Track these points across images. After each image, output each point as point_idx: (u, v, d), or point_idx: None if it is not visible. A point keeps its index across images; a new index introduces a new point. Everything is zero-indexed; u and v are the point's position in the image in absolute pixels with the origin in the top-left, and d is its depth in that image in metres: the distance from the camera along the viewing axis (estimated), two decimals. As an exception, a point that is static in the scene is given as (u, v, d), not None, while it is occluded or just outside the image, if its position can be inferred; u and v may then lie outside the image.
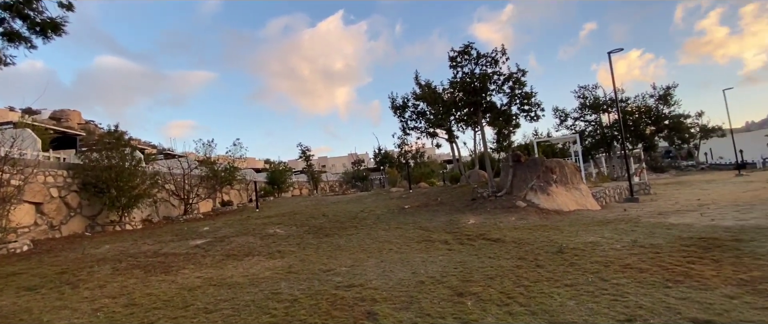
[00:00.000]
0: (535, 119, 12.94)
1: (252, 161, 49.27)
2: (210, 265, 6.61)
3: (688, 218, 8.10)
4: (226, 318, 3.80)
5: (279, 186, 27.87)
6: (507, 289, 4.10)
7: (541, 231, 7.82)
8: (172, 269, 6.27)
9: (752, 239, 5.40)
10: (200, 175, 18.19)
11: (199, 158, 19.41)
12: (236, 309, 4.05)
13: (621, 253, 5.28)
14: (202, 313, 3.96)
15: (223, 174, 19.24)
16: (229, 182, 20.09)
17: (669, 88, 27.06)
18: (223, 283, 5.27)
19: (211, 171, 18.78)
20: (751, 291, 3.41)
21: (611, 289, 3.82)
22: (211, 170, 18.80)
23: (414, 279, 4.78)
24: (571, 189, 12.44)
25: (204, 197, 17.97)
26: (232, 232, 10.40)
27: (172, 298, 4.56)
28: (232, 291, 4.82)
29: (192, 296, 4.64)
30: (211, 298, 4.50)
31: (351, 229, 9.76)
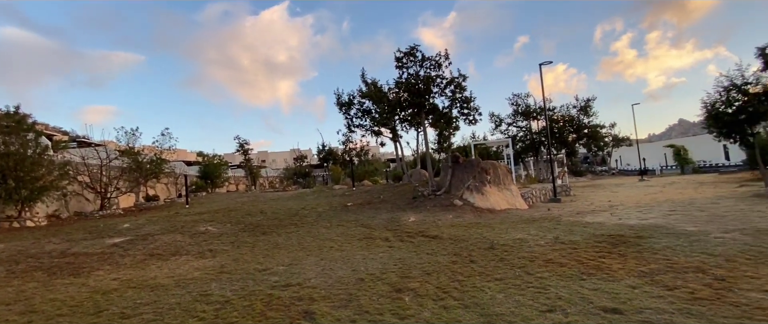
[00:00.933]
0: (474, 123, 13.60)
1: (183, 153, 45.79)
2: (129, 265, 6.02)
3: (601, 217, 9.04)
4: (146, 323, 3.48)
5: (213, 181, 26.24)
6: (443, 284, 4.25)
7: (476, 228, 8.23)
8: (83, 271, 5.61)
9: (651, 236, 6.17)
10: (121, 167, 16.50)
11: (120, 148, 17.57)
12: (159, 313, 3.73)
13: (545, 249, 5.73)
14: (118, 319, 3.59)
15: (148, 166, 17.64)
16: (156, 175, 18.48)
17: (589, 101, 30.04)
18: (144, 285, 4.82)
19: (135, 162, 17.12)
20: (650, 282, 3.89)
21: (535, 282, 4.13)
22: (135, 161, 17.14)
23: (354, 276, 4.77)
24: (503, 189, 13.26)
25: (125, 191, 16.32)
26: (157, 229, 9.58)
27: (82, 304, 4.07)
28: (155, 293, 4.43)
29: (106, 300, 4.18)
30: (130, 302, 4.09)
31: (291, 227, 9.49)
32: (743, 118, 12.30)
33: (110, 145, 17.79)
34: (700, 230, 6.39)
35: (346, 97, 18.58)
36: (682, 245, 5.37)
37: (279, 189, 28.01)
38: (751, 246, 5.05)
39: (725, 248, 5.03)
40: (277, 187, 32.09)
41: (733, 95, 12.46)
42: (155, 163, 17.91)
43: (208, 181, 26.05)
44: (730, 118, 12.45)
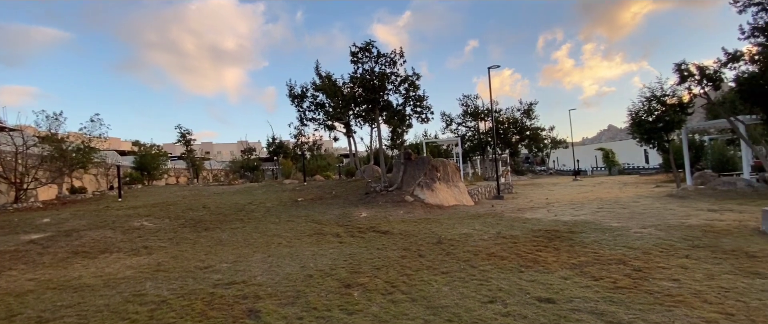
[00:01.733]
0: (426, 121, 13.92)
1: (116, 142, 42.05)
2: (49, 264, 5.44)
3: (539, 214, 9.69)
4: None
5: (150, 172, 24.37)
6: (392, 278, 4.32)
7: (425, 224, 8.45)
8: (-9, 271, 4.97)
9: (582, 231, 6.73)
10: (41, 155, 14.78)
11: (40, 134, 15.73)
12: (83, 316, 3.41)
13: (488, 243, 6.03)
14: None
15: (74, 155, 15.97)
16: (83, 165, 16.77)
17: (531, 105, 31.98)
18: (66, 285, 4.38)
19: (58, 150, 15.41)
20: (579, 273, 4.24)
21: (479, 275, 4.33)
22: (58, 149, 15.43)
23: (302, 273, 4.69)
24: (452, 186, 13.73)
25: (45, 182, 14.67)
26: (84, 224, 8.73)
27: (-12, 308, 3.61)
28: (80, 295, 4.04)
29: (20, 303, 3.75)
30: (48, 305, 3.70)
31: (236, 223, 9.10)
32: (661, 126, 13.79)
33: (28, 131, 15.84)
34: (623, 226, 7.07)
35: (299, 89, 18.16)
36: (608, 239, 5.91)
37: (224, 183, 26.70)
38: (664, 240, 5.69)
39: (643, 242, 5.62)
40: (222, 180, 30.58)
41: (653, 105, 13.92)
42: (83, 151, 16.26)
43: (145, 172, 24.16)
44: (650, 126, 13.91)
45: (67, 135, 16.56)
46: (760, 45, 11.35)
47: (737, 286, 3.60)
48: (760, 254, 4.63)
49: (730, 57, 12.20)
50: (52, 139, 15.40)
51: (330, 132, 18.22)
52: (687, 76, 12.71)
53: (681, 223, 7.10)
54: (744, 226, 6.43)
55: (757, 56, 11.46)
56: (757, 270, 4.06)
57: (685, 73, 12.69)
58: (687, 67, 12.71)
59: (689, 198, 11.07)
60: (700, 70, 12.42)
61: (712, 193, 11.35)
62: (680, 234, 6.06)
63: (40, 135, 15.57)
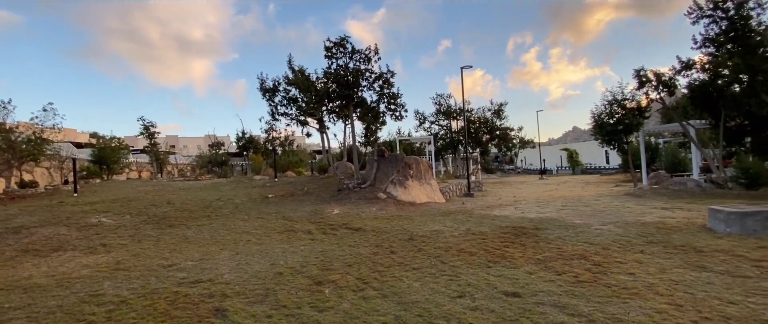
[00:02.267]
0: (400, 119, 13.98)
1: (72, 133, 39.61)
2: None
3: (507, 211, 9.98)
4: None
5: (109, 166, 23.10)
6: (363, 275, 4.32)
7: (397, 221, 8.51)
8: (-74, 271, 4.56)
9: (546, 228, 7.00)
10: (-15, 146, 13.71)
11: (-16, 123, 14.58)
12: (34, 318, 3.20)
13: (458, 240, 6.15)
14: (-24, 328, 2.99)
15: (24, 146, 14.90)
16: (34, 158, 15.70)
17: (501, 105, 32.84)
18: (15, 285, 4.09)
19: (6, 141, 14.35)
20: (544, 268, 4.41)
21: (449, 270, 4.41)
22: (6, 140, 14.36)
23: (272, 270, 4.60)
24: (424, 184, 13.90)
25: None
26: (35, 221, 8.18)
27: None
28: (30, 295, 3.79)
29: (-41, 306, 3.46)
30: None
31: (203, 220, 8.81)
32: (621, 128, 14.55)
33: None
34: (585, 223, 7.41)
35: (271, 82, 17.72)
36: (570, 236, 6.18)
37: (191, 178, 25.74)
38: (621, 236, 6.01)
39: (602, 238, 5.91)
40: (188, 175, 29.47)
41: (614, 109, 14.65)
42: (34, 143, 15.21)
43: (104, 166, 22.88)
44: (612, 128, 14.64)
45: (16, 125, 15.45)
46: (710, 55, 12.19)
47: (686, 279, 3.86)
48: (706, 249, 4.98)
49: (683, 65, 13.02)
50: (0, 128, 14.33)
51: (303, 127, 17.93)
52: (645, 81, 13.46)
53: (637, 220, 7.52)
54: (692, 223, 6.90)
55: (708, 65, 12.30)
56: (703, 264, 4.37)
57: (643, 79, 13.43)
58: (645, 73, 13.46)
59: (645, 197, 11.74)
60: (657, 76, 13.19)
61: (665, 193, 12.10)
62: (636, 230, 6.42)
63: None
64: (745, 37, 11.08)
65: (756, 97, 11.11)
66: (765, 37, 10.93)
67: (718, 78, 11.96)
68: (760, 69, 10.77)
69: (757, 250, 4.79)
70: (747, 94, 11.28)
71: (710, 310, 3.07)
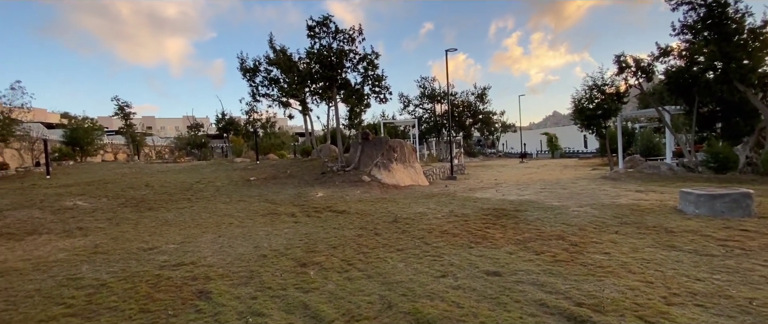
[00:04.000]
0: (384, 101, 13.90)
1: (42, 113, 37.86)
2: (-37, 248, 4.86)
3: (488, 194, 10.18)
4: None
5: (83, 148, 22.28)
6: (348, 256, 4.36)
7: (382, 203, 8.57)
8: None
9: (526, 210, 7.19)
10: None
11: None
12: (12, 302, 3.11)
13: (441, 222, 6.26)
14: (-53, 313, 2.89)
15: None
16: (3, 138, 15.00)
17: (485, 89, 33.06)
18: (-14, 270, 3.95)
19: (-31, 121, 13.63)
20: (524, 248, 4.55)
21: (432, 251, 4.50)
22: (-30, 120, 13.64)
23: (256, 253, 4.59)
24: (408, 167, 13.98)
25: (-45, 157, 12.97)
26: (7, 203, 7.88)
27: None
28: (6, 279, 3.68)
29: (-73, 292, 3.33)
30: (-35, 292, 3.32)
31: (183, 202, 8.65)
32: (600, 113, 14.89)
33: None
34: (563, 205, 7.64)
35: (252, 62, 17.31)
36: (549, 217, 6.37)
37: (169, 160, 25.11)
38: (597, 217, 6.24)
39: (579, 219, 6.12)
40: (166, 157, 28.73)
41: (594, 94, 14.94)
42: (2, 123, 14.51)
43: (77, 148, 22.05)
44: (591, 113, 14.97)
45: (-21, 104, 14.67)
46: (687, 41, 12.49)
47: (657, 258, 4.05)
48: (677, 229, 5.22)
49: (661, 52, 13.32)
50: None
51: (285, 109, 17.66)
52: (625, 67, 13.73)
53: (612, 202, 7.79)
54: (664, 205, 7.20)
55: (684, 52, 12.62)
56: (674, 243, 4.59)
57: (623, 65, 13.70)
58: (625, 59, 13.72)
59: (620, 180, 12.15)
60: (636, 62, 13.46)
61: (639, 176, 12.55)
62: (611, 212, 6.66)
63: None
64: (722, 25, 11.37)
65: (729, 84, 11.51)
66: (741, 25, 11.24)
67: (694, 65, 12.30)
68: (734, 56, 11.12)
69: (724, 230, 5.06)
70: (720, 81, 11.66)
71: (678, 287, 3.24)
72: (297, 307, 3.00)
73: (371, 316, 2.78)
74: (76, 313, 2.91)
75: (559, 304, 2.92)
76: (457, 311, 2.81)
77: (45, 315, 2.86)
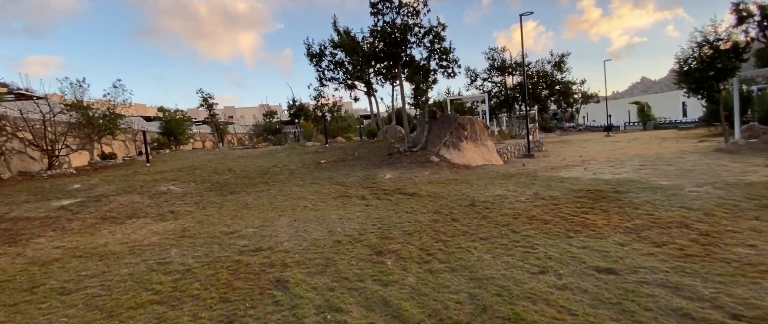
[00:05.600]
0: (452, 76, 13.08)
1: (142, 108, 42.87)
2: (77, 231, 5.42)
3: (575, 173, 9.10)
4: (89, 300, 3.02)
5: (176, 137, 24.76)
6: (426, 245, 4.00)
7: (454, 185, 8.06)
8: (21, 238, 4.98)
9: (628, 191, 6.18)
10: (69, 122, 15.04)
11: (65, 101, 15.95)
12: (106, 287, 3.27)
13: (526, 206, 5.60)
14: (56, 295, 3.11)
15: (101, 121, 16.20)
16: (111, 131, 17.07)
17: (563, 56, 29.86)
18: (92, 253, 4.30)
19: (85, 117, 15.64)
20: (637, 238, 3.79)
21: (522, 240, 3.95)
22: (85, 116, 15.65)
23: (330, 239, 4.44)
24: (479, 145, 13.15)
25: (76, 149, 15.05)
26: (113, 189, 8.83)
27: (14, 277, 3.54)
28: (105, 263, 3.94)
29: (44, 273, 3.67)
30: (73, 274, 3.60)
31: (261, 186, 8.98)
32: (712, 74, 12.50)
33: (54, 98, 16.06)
34: (674, 184, 6.46)
35: (317, 47, 17.42)
36: (661, 200, 5.37)
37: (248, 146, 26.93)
38: (726, 200, 5.10)
39: (702, 202, 5.06)
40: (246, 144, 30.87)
41: (705, 51, 12.55)
42: (109, 118, 16.47)
43: (172, 137, 24.57)
44: (701, 74, 12.63)
45: (92, 102, 16.76)
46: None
47: (834, 254, 3.08)
48: None
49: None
50: (78, 105, 15.61)
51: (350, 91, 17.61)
52: (746, 16, 11.27)
53: (739, 180, 6.41)
54: (818, 183, 5.72)
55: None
56: None
57: (743, 14, 11.25)
58: (746, 6, 11.25)
59: (741, 152, 10.14)
60: (762, 9, 10.96)
61: (766, 148, 10.36)
62: (742, 193, 5.43)
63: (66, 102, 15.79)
64: None
65: None
66: None
67: None
68: None
69: None
70: None
71: None
72: (377, 303, 2.73)
73: (463, 320, 2.39)
74: (163, 300, 2.95)
75: (708, 316, 2.26)
76: (571, 320, 2.30)
77: (135, 302, 2.93)
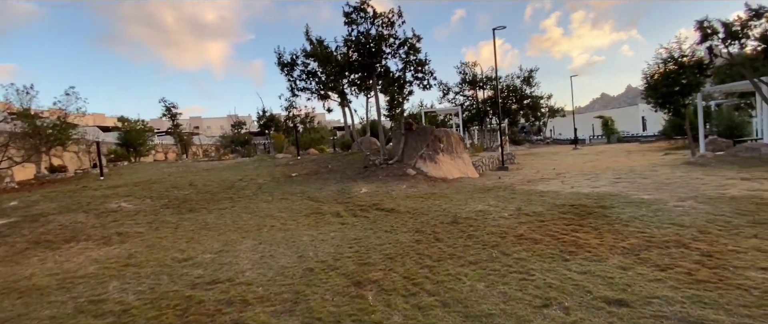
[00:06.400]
0: (428, 88, 12.89)
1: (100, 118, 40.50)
2: (2, 258, 4.58)
3: (553, 186, 8.97)
4: (-15, 360, 2.35)
5: (136, 149, 23.24)
6: (411, 271, 3.54)
7: (433, 199, 7.69)
8: None
9: (612, 206, 6.00)
10: (12, 132, 13.64)
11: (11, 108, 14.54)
12: (13, 339, 2.60)
13: (511, 223, 5.28)
14: (-61, 356, 2.41)
15: (49, 131, 14.83)
16: (61, 142, 15.65)
17: (532, 71, 30.85)
18: (11, 288, 3.56)
19: (31, 127, 14.25)
20: (638, 260, 3.50)
21: (516, 265, 3.57)
22: (31, 125, 14.26)
23: (301, 265, 3.90)
24: (456, 158, 12.94)
25: (19, 161, 13.61)
26: (55, 207, 7.85)
27: None
28: (24, 302, 3.23)
29: (-64, 320, 2.92)
30: (-26, 321, 2.87)
31: (225, 202, 8.27)
32: (677, 89, 12.96)
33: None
34: (656, 199, 6.36)
35: (289, 56, 16.85)
36: (648, 215, 5.18)
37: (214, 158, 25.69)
38: (715, 215, 4.97)
39: (691, 218, 4.90)
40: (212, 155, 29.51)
41: (670, 67, 13.01)
42: (59, 127, 15.11)
43: (131, 149, 23.03)
44: (667, 90, 13.07)
45: (41, 111, 15.36)
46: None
47: None
48: (841, 231, 3.93)
49: (752, 14, 11.29)
50: (25, 114, 14.24)
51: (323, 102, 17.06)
52: (710, 34, 11.76)
53: (720, 194, 6.40)
54: (794, 196, 5.75)
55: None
56: None
57: (708, 31, 11.74)
58: (710, 24, 11.75)
59: (711, 165, 10.40)
60: (726, 26, 11.47)
61: (734, 161, 10.70)
62: (728, 208, 5.35)
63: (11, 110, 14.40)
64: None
65: None
66: None
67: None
68: None
69: None
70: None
71: None
72: (357, 353, 2.23)
73: (466, 377, 1.94)
74: (84, 356, 2.33)
75: (748, 362, 1.93)
76: (595, 374, 1.90)
77: (45, 361, 2.29)
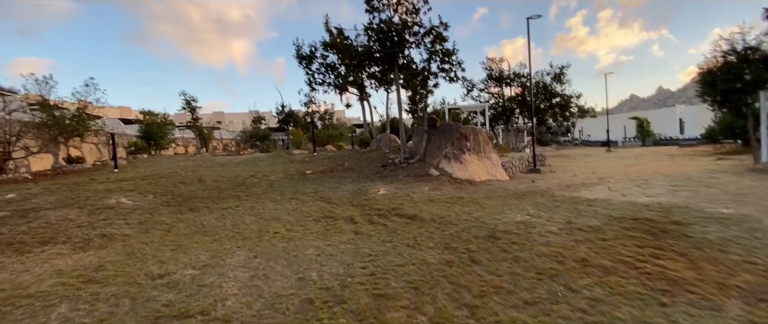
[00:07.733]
0: (455, 80, 11.82)
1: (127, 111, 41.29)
2: (-47, 265, 3.92)
3: (599, 193, 7.82)
4: None
5: (156, 142, 23.12)
6: (444, 313, 2.60)
7: (460, 205, 6.71)
8: None
9: (688, 222, 4.87)
10: (30, 122, 13.46)
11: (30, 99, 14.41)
12: None
13: (564, 240, 4.25)
14: None
15: (67, 121, 14.62)
16: (79, 133, 15.46)
17: (563, 68, 29.05)
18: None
19: (50, 117, 14.06)
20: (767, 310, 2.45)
21: (592, 309, 2.57)
22: (50, 116, 14.08)
23: (299, 293, 3.02)
24: (483, 158, 11.86)
25: (37, 151, 13.41)
26: (51, 201, 7.29)
27: None
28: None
29: None
30: None
31: (231, 200, 7.53)
32: (739, 86, 11.44)
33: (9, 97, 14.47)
34: (741, 214, 5.18)
35: (308, 49, 16.15)
36: (746, 238, 4.05)
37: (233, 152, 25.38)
38: (836, 240, 3.81)
39: (806, 243, 3.75)
40: (231, 150, 29.30)
41: (731, 60, 11.49)
42: (78, 119, 14.89)
43: (151, 142, 22.94)
44: (727, 87, 11.56)
45: (62, 101, 15.21)
46: None
47: None
48: None
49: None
50: (45, 105, 14.07)
51: (342, 95, 16.27)
52: (782, 22, 10.24)
53: (821, 210, 5.16)
54: None
55: None
56: None
57: (780, 19, 10.22)
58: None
59: (783, 174, 8.97)
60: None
61: (811, 168, 9.21)
62: None
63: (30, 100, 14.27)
64: None
65: None
66: None
67: None
68: None
69: None
70: None
71: None
72: None
73: None
74: None
75: None
76: None
77: None
